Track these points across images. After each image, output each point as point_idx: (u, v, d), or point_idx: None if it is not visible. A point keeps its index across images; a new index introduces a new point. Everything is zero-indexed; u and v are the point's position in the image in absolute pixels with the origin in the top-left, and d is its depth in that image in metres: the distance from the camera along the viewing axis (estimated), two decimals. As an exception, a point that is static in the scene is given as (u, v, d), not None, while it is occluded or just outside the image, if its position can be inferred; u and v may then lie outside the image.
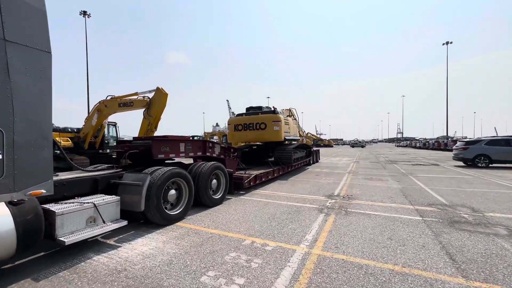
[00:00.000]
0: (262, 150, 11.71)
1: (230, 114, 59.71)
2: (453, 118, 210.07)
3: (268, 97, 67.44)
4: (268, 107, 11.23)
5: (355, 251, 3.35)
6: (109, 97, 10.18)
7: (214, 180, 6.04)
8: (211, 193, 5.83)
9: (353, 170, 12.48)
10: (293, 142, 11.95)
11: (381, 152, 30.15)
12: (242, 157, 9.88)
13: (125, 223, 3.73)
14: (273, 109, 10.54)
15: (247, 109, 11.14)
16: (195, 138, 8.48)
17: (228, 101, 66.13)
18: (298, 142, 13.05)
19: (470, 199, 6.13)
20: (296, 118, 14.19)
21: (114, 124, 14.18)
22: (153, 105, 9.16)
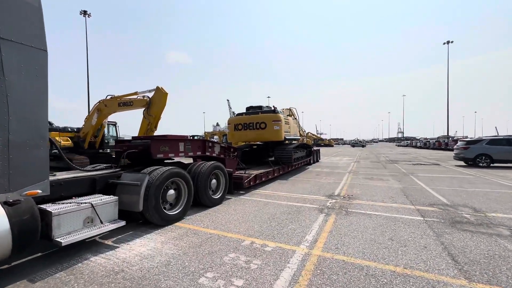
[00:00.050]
0: (262, 150, 11.67)
1: (231, 114, 59.70)
2: (454, 118, 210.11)
3: (269, 97, 67.35)
4: (268, 107, 11.20)
5: (356, 252, 3.31)
6: (109, 97, 10.17)
7: (214, 180, 6.00)
8: (211, 193, 5.79)
9: (354, 170, 12.43)
10: (294, 142, 11.91)
11: (382, 152, 30.08)
12: (242, 157, 9.84)
13: (123, 224, 3.70)
14: (273, 109, 10.49)
15: (247, 109, 11.09)
16: (195, 138, 8.45)
17: (229, 101, 66.15)
18: (299, 142, 13.01)
19: (472, 199, 6.08)
20: (297, 118, 14.16)
21: (114, 124, 14.18)
22: (153, 105, 9.14)
